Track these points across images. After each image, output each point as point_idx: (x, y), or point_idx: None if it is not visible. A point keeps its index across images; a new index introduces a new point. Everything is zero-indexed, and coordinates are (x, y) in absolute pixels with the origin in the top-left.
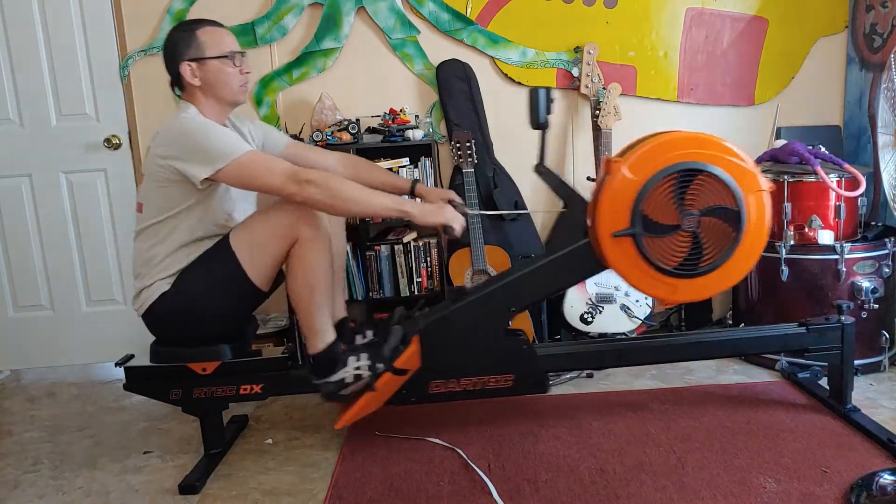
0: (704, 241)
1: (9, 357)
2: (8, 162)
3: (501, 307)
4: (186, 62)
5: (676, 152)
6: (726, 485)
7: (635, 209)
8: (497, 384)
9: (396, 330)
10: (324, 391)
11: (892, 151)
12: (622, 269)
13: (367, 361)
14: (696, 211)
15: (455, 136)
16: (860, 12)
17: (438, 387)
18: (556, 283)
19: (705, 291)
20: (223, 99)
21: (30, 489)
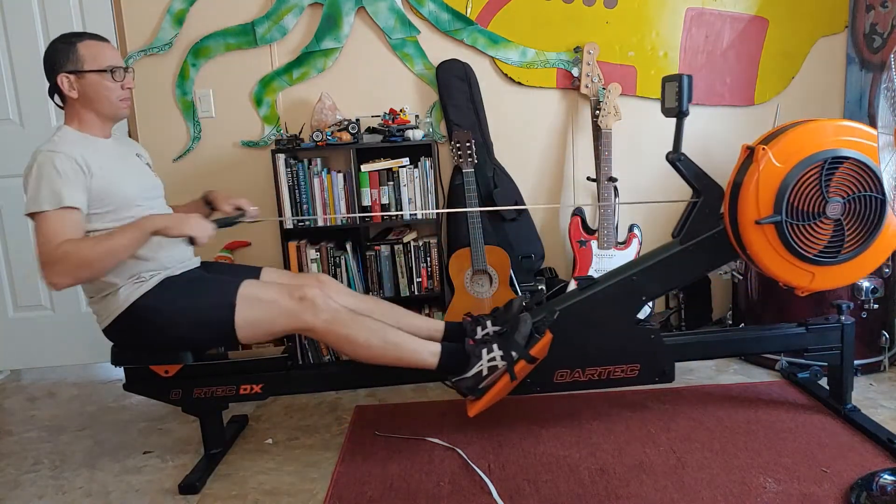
0: (848, 227)
1: (9, 357)
2: (8, 162)
3: (633, 296)
4: (64, 74)
5: (822, 140)
6: (726, 485)
7: (780, 196)
8: (623, 374)
9: (525, 318)
10: (462, 387)
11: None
12: (762, 256)
13: (499, 352)
14: (842, 198)
15: (455, 136)
16: (860, 12)
17: (564, 376)
18: (689, 272)
19: (843, 279)
20: (102, 112)
21: (30, 489)
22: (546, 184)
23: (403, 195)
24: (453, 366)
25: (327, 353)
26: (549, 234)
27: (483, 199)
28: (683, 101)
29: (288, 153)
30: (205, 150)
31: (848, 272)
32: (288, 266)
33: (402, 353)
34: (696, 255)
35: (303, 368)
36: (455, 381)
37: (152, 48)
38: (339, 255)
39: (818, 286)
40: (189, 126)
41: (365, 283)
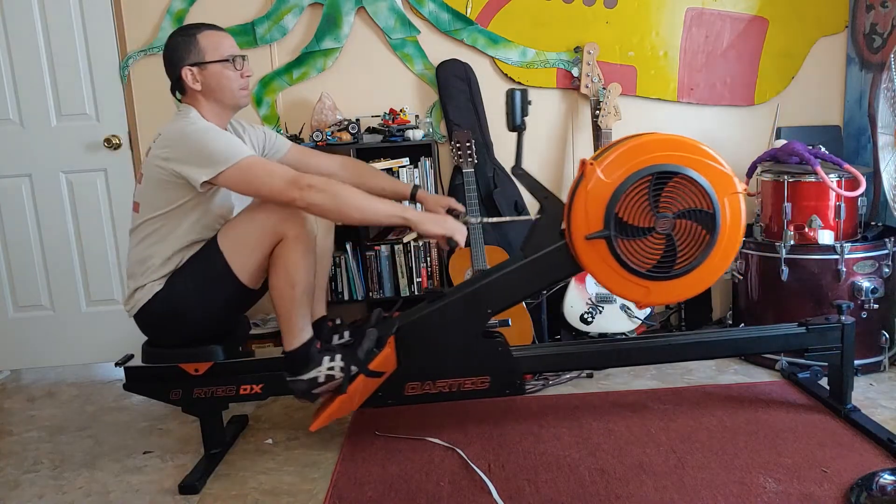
0: (679, 243)
1: (9, 357)
2: (8, 162)
3: (479, 309)
4: (187, 67)
5: (651, 154)
6: (726, 485)
7: (609, 211)
8: (473, 386)
9: (371, 332)
10: (295, 389)
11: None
12: (596, 271)
13: (340, 363)
14: (671, 213)
15: (455, 136)
16: (860, 12)
17: (414, 389)
18: (532, 285)
19: (679, 294)
20: (224, 103)
21: (30, 489)
22: (546, 184)
23: None
24: (297, 362)
25: None
26: None
27: (483, 200)
28: (518, 116)
29: None
30: None
31: (684, 286)
32: None
33: (294, 318)
34: (539, 269)
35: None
36: (290, 380)
37: (152, 48)
38: (339, 254)
39: (654, 301)
40: None
41: (365, 283)
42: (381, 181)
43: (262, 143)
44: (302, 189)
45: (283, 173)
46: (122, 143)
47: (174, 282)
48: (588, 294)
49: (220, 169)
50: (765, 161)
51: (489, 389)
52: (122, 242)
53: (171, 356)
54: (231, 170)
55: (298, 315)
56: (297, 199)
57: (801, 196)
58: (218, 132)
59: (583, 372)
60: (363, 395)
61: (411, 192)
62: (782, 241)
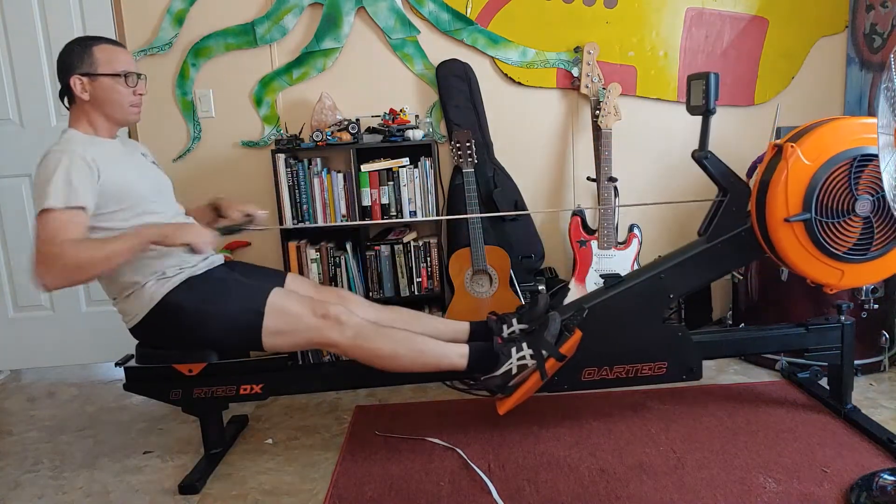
0: (877, 225)
1: (9, 357)
2: (8, 162)
3: (661, 294)
4: (77, 76)
5: (851, 137)
6: (726, 485)
7: (809, 193)
8: (651, 372)
9: (555, 316)
10: (491, 386)
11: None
12: (791, 254)
13: (529, 350)
14: (871, 195)
15: (455, 136)
16: (860, 12)
17: (591, 374)
18: (715, 270)
19: (872, 276)
20: (112, 117)
21: (30, 489)
22: (546, 184)
23: (403, 195)
24: (482, 365)
25: (327, 354)
26: (549, 234)
27: (483, 199)
28: (710, 100)
29: (288, 153)
30: (205, 150)
31: (877, 269)
32: (288, 266)
33: (430, 359)
34: (723, 253)
35: (303, 368)
36: (484, 379)
37: (152, 48)
38: (339, 255)
39: (847, 284)
40: (189, 126)
41: (365, 283)
42: None
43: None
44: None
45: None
46: None
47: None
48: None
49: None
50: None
51: (666, 374)
52: None
53: (164, 357)
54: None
55: (430, 357)
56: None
57: None
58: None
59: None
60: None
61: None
62: None
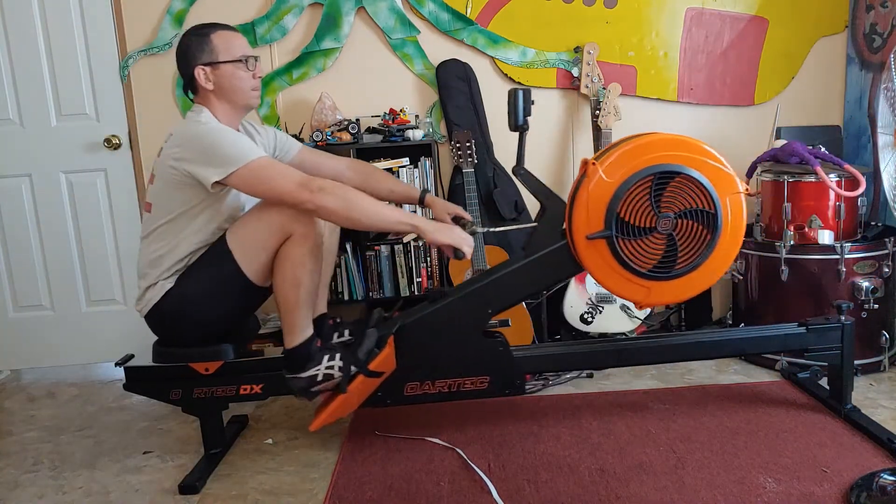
0: (680, 243)
1: (9, 357)
2: (8, 162)
3: (480, 309)
4: (200, 66)
5: (653, 154)
6: (726, 485)
7: (610, 211)
8: (473, 386)
9: (372, 332)
10: (294, 386)
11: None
12: (596, 271)
13: (339, 362)
14: (672, 213)
15: (455, 136)
16: (860, 12)
17: (414, 389)
18: (533, 285)
19: (680, 294)
20: (236, 103)
21: (30, 489)
22: (546, 184)
23: None
24: (294, 363)
25: None
26: None
27: (483, 199)
28: (520, 115)
29: None
30: None
31: (685, 287)
32: None
33: (296, 316)
34: (541, 269)
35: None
36: (289, 377)
37: (152, 48)
38: (339, 254)
39: (654, 301)
40: None
41: (365, 283)
42: (390, 184)
43: (273, 144)
44: (312, 192)
45: (293, 176)
46: (122, 143)
47: (184, 280)
48: (588, 294)
49: (231, 169)
50: (765, 161)
51: (488, 389)
52: (122, 242)
53: (181, 356)
54: (242, 170)
55: (301, 314)
56: (307, 201)
57: (801, 196)
58: (230, 133)
59: (583, 372)
60: (362, 394)
61: (420, 196)
62: (782, 241)
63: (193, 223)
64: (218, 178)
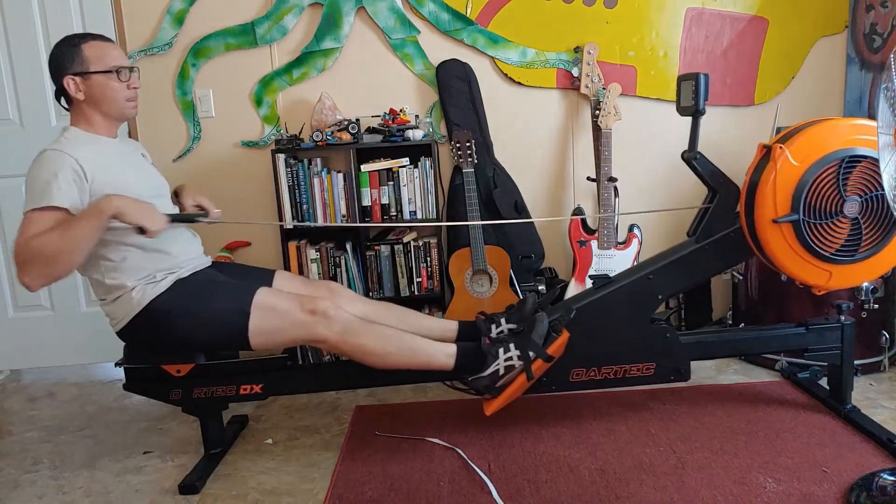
0: (865, 226)
1: (9, 357)
2: (8, 162)
3: (649, 295)
4: (70, 76)
5: (839, 138)
6: (726, 485)
7: (798, 195)
8: (639, 373)
9: (542, 317)
10: (478, 386)
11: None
12: (779, 255)
13: (516, 351)
14: (859, 196)
15: (455, 136)
16: (860, 12)
17: (579, 375)
18: (704, 271)
19: (860, 277)
20: (109, 114)
21: (30, 489)
22: (546, 184)
23: (403, 195)
24: (470, 365)
25: (327, 354)
26: (549, 234)
27: (483, 199)
28: (700, 100)
29: (288, 153)
30: (205, 150)
31: (865, 271)
32: (288, 266)
33: (419, 358)
34: (712, 254)
35: (303, 368)
36: (471, 379)
37: (152, 48)
38: (339, 255)
39: (835, 285)
40: (189, 126)
41: (365, 283)
42: None
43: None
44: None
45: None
46: None
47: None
48: None
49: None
50: None
51: (654, 376)
52: None
53: (152, 358)
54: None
55: (419, 356)
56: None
57: None
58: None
59: None
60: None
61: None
62: None
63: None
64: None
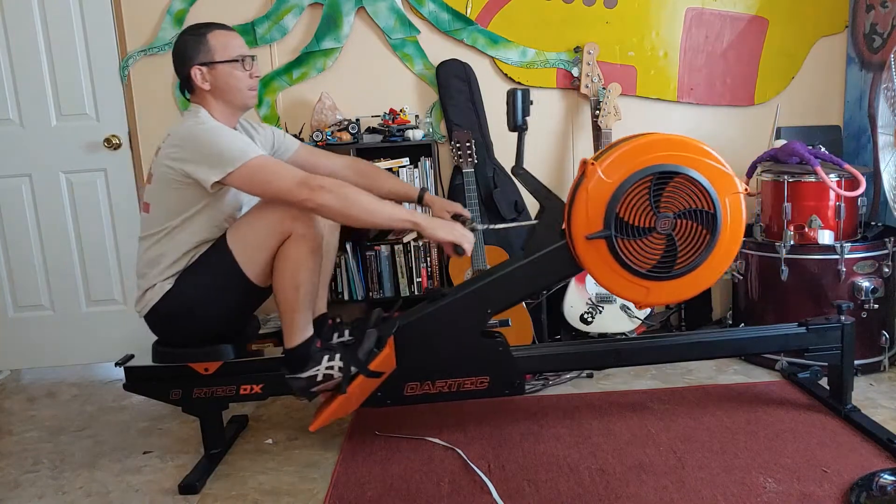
0: (680, 243)
1: (9, 357)
2: (8, 162)
3: (479, 309)
4: (197, 66)
5: (652, 154)
6: (726, 485)
7: (609, 211)
8: (473, 386)
9: (371, 333)
10: (294, 386)
11: (892, 151)
12: (596, 271)
13: (339, 362)
14: (672, 213)
15: (455, 136)
16: (860, 12)
17: (414, 389)
18: (533, 285)
19: (680, 294)
20: (233, 103)
21: (30, 489)
22: (546, 184)
23: None
24: (297, 359)
25: None
26: None
27: (483, 199)
28: (520, 116)
29: None
30: None
31: (684, 287)
32: None
33: (296, 317)
34: (540, 269)
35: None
36: (289, 377)
37: (152, 48)
38: (339, 254)
39: (654, 301)
40: None
41: (365, 283)
42: (389, 182)
43: (272, 143)
44: (312, 190)
45: (293, 174)
46: (122, 143)
47: (184, 280)
48: (588, 294)
49: (230, 169)
50: (765, 161)
51: (488, 389)
52: (122, 242)
53: (181, 356)
54: (240, 170)
55: (301, 315)
56: (306, 199)
57: (801, 196)
58: (227, 132)
59: (583, 372)
60: (362, 395)
61: (419, 195)
62: (782, 241)
63: (192, 223)
64: (217, 179)
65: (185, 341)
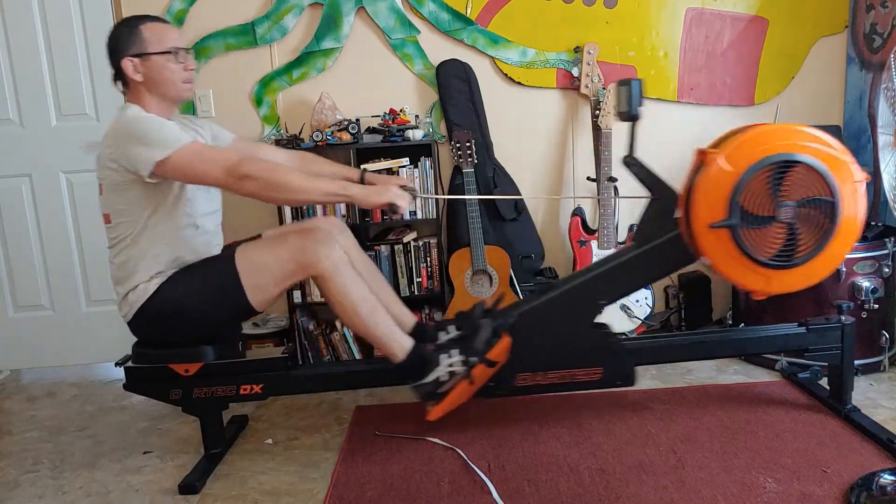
0: (800, 232)
1: (9, 357)
2: (8, 162)
3: (591, 299)
4: (128, 58)
5: (773, 143)
6: (726, 485)
7: (732, 200)
8: (585, 377)
9: (486, 322)
10: (421, 393)
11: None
12: (717, 259)
13: (459, 357)
14: (793, 202)
15: (455, 136)
16: (860, 12)
17: (526, 379)
18: (646, 276)
19: (799, 282)
20: (167, 95)
21: (30, 489)
22: (546, 184)
23: None
24: (413, 368)
25: (327, 354)
26: (549, 233)
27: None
28: (634, 106)
29: None
30: None
31: (804, 276)
32: None
33: (377, 333)
34: (653, 259)
35: (303, 368)
36: (414, 386)
37: None
38: None
39: (774, 290)
40: None
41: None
42: (328, 168)
43: (210, 136)
44: (239, 177)
45: (222, 160)
46: None
47: (181, 284)
48: None
49: (160, 157)
50: None
51: (601, 380)
52: None
53: (160, 357)
54: (172, 158)
55: (382, 331)
56: (233, 185)
57: None
58: (158, 121)
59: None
60: (479, 383)
61: (360, 176)
62: None
63: (152, 224)
64: (149, 167)
65: (166, 342)
